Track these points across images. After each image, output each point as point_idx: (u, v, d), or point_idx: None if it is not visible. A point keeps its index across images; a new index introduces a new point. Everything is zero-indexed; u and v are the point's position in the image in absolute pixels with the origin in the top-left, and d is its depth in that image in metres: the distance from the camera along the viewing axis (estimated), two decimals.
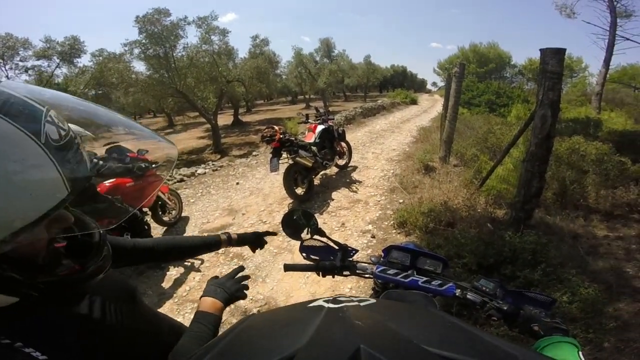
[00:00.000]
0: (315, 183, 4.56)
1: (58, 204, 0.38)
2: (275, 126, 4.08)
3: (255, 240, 1.14)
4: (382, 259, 0.98)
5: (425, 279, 0.84)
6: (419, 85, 56.09)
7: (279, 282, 2.78)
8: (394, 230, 3.34)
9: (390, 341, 0.29)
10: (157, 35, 8.20)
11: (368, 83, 25.84)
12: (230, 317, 2.39)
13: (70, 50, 11.61)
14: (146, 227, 3.07)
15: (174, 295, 2.72)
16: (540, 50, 2.41)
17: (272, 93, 19.34)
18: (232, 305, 2.49)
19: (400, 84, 36.15)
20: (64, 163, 0.38)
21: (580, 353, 0.56)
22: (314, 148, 4.36)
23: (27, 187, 0.36)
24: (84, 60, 12.67)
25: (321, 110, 5.31)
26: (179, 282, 2.88)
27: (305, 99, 22.54)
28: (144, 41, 8.29)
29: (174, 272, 3.01)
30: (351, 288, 2.59)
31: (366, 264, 0.97)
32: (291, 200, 4.23)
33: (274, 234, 1.23)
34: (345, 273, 0.98)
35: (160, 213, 3.62)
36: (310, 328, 0.31)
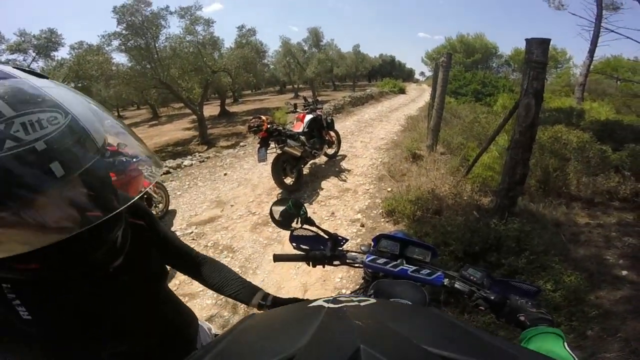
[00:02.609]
0: (304, 172, 4.54)
1: None
2: (262, 116, 4.02)
3: None
4: (372, 248, 0.97)
5: (414, 268, 0.84)
6: (407, 75, 56.10)
7: (270, 273, 2.77)
8: (383, 219, 3.36)
9: (390, 341, 0.29)
10: (137, 26, 7.93)
11: (357, 72, 25.66)
12: (232, 316, 2.39)
13: (47, 43, 11.13)
14: None
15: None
16: (526, 40, 2.44)
17: (260, 83, 19.05)
18: (221, 300, 2.49)
19: (389, 74, 36.08)
20: None
21: (565, 344, 0.57)
22: (302, 137, 4.32)
23: None
24: (62, 53, 12.13)
25: (310, 100, 5.24)
26: (169, 277, 2.84)
27: (293, 89, 22.31)
28: (123, 32, 8.00)
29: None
30: (342, 278, 2.59)
31: (356, 254, 0.96)
32: (280, 191, 4.19)
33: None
34: (335, 263, 0.97)
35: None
36: (310, 328, 0.31)
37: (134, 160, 0.52)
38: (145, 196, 3.52)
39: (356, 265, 0.95)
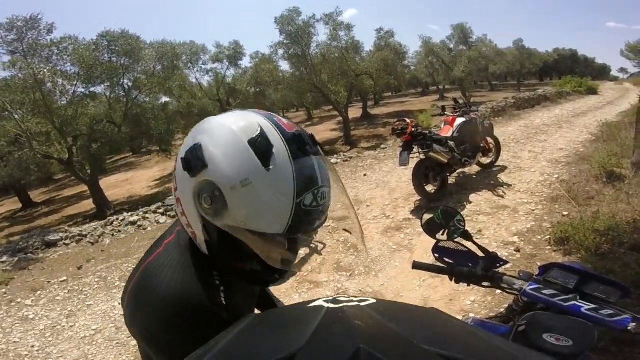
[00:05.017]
0: (449, 182, 4.19)
1: (271, 234, 0.54)
2: (407, 119, 3.92)
3: None
4: (535, 277, 0.88)
5: (592, 306, 0.74)
6: (599, 72, 43.34)
7: (392, 279, 2.77)
8: (549, 247, 2.81)
9: (390, 341, 0.29)
10: (294, 34, 9.16)
11: (522, 70, 21.93)
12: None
13: (234, 53, 13.93)
14: None
15: (297, 273, 2.97)
16: None
17: (401, 85, 18.74)
18: (340, 294, 2.59)
19: (570, 70, 28.83)
20: (297, 219, 0.52)
21: None
22: (451, 143, 3.96)
23: (270, 212, 0.52)
24: (245, 62, 14.94)
25: (461, 101, 4.78)
26: (302, 262, 3.16)
27: (438, 90, 21.00)
28: (285, 42, 9.41)
29: (301, 252, 3.28)
30: (474, 301, 2.33)
31: (514, 279, 0.87)
32: (418, 197, 4.00)
33: None
34: (484, 284, 0.91)
35: None
36: (309, 328, 0.31)
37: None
38: None
39: (511, 291, 0.88)
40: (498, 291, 2.13)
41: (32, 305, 3.16)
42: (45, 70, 6.26)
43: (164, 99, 12.60)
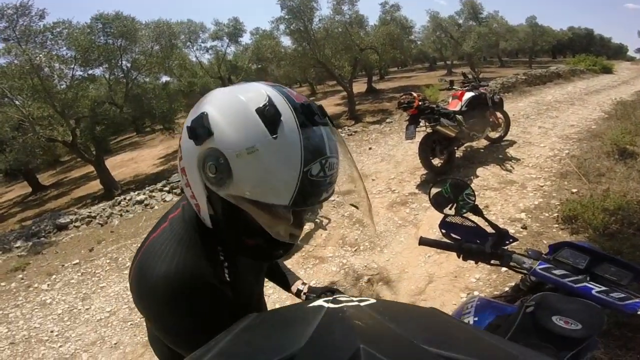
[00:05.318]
0: (457, 155, 4.15)
1: (276, 205, 0.52)
2: (413, 92, 3.83)
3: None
4: (545, 255, 0.85)
5: (602, 288, 0.72)
6: (615, 52, 41.68)
7: (397, 255, 2.76)
8: (556, 225, 2.78)
9: (390, 341, 0.29)
10: (295, 9, 8.84)
11: (534, 47, 21.32)
12: (350, 288, 2.47)
13: (234, 30, 13.52)
14: None
15: (302, 248, 2.99)
16: None
17: (407, 60, 18.23)
18: (345, 269, 2.66)
19: (585, 49, 27.83)
20: (303, 189, 0.51)
21: None
22: (459, 117, 3.88)
23: (276, 181, 0.51)
24: (245, 39, 14.46)
25: (470, 76, 4.68)
26: (307, 237, 3.17)
27: (446, 65, 20.44)
28: (286, 17, 9.10)
29: (306, 227, 3.30)
30: (479, 279, 2.31)
31: (523, 257, 0.84)
32: (424, 171, 3.98)
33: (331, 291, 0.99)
34: (493, 262, 0.87)
35: None
36: (309, 328, 0.31)
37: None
38: None
39: (520, 270, 0.85)
40: (503, 269, 2.13)
41: (48, 290, 3.20)
42: (40, 56, 6.15)
43: (165, 79, 12.42)
